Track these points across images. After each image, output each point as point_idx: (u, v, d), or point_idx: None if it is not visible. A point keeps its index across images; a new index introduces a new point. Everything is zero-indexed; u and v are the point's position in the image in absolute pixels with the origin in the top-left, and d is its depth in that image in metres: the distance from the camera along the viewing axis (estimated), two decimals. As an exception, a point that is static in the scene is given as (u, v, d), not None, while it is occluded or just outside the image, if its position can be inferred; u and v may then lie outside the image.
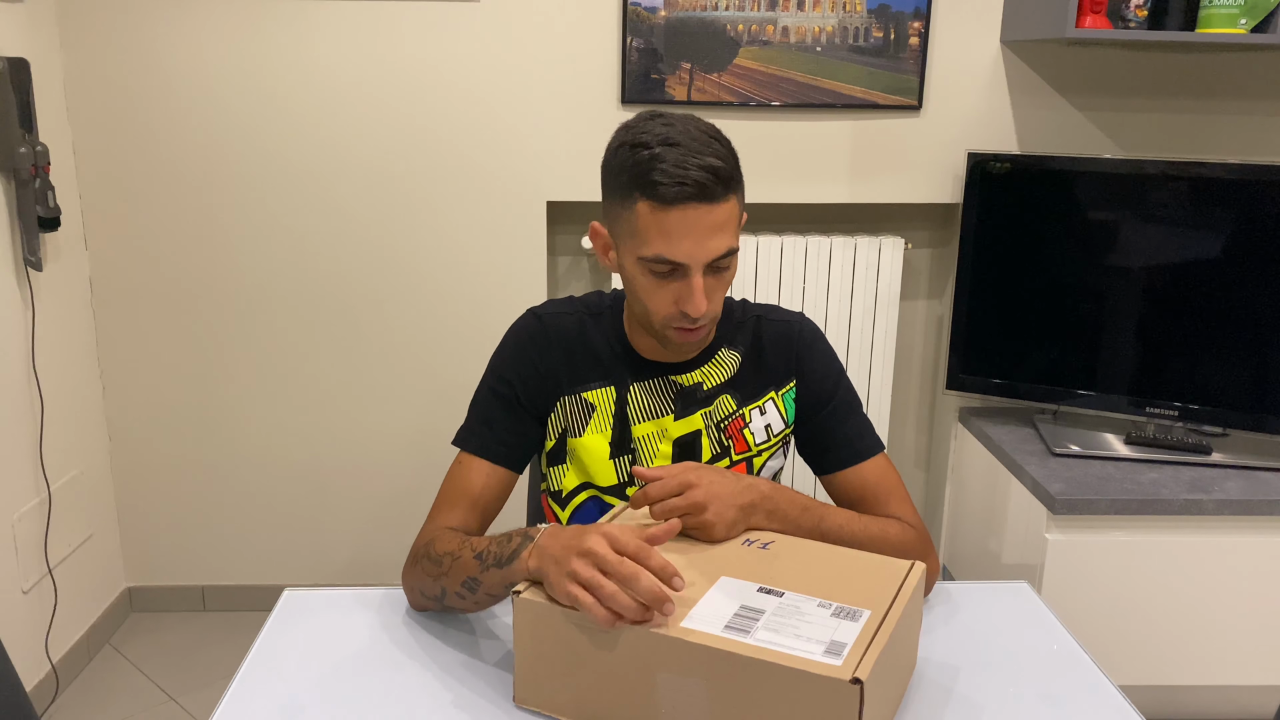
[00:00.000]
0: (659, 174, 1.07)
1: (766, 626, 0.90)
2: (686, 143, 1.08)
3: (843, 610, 0.93)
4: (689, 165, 1.06)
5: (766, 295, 2.38)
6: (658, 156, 1.07)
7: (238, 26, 2.23)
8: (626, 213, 1.12)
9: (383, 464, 2.52)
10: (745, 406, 1.29)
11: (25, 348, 2.11)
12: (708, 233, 1.09)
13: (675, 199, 1.07)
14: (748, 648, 0.86)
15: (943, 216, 2.52)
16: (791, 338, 1.32)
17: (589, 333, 1.28)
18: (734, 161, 1.11)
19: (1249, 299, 2.10)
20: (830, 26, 2.28)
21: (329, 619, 1.17)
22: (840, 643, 0.87)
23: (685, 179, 1.06)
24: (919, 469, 2.70)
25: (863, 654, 0.85)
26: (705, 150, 1.08)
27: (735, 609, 0.92)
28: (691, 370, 1.27)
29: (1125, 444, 2.21)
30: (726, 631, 0.89)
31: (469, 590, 1.08)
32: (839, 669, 0.83)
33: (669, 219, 1.08)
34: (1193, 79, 2.37)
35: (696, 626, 0.89)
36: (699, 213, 1.08)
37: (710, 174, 1.07)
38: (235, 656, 2.35)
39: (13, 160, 1.99)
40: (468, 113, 2.30)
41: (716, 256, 1.11)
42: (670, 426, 1.27)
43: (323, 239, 2.36)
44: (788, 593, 0.96)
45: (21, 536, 2.09)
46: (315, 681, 1.05)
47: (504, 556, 1.03)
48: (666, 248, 1.09)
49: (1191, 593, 2.06)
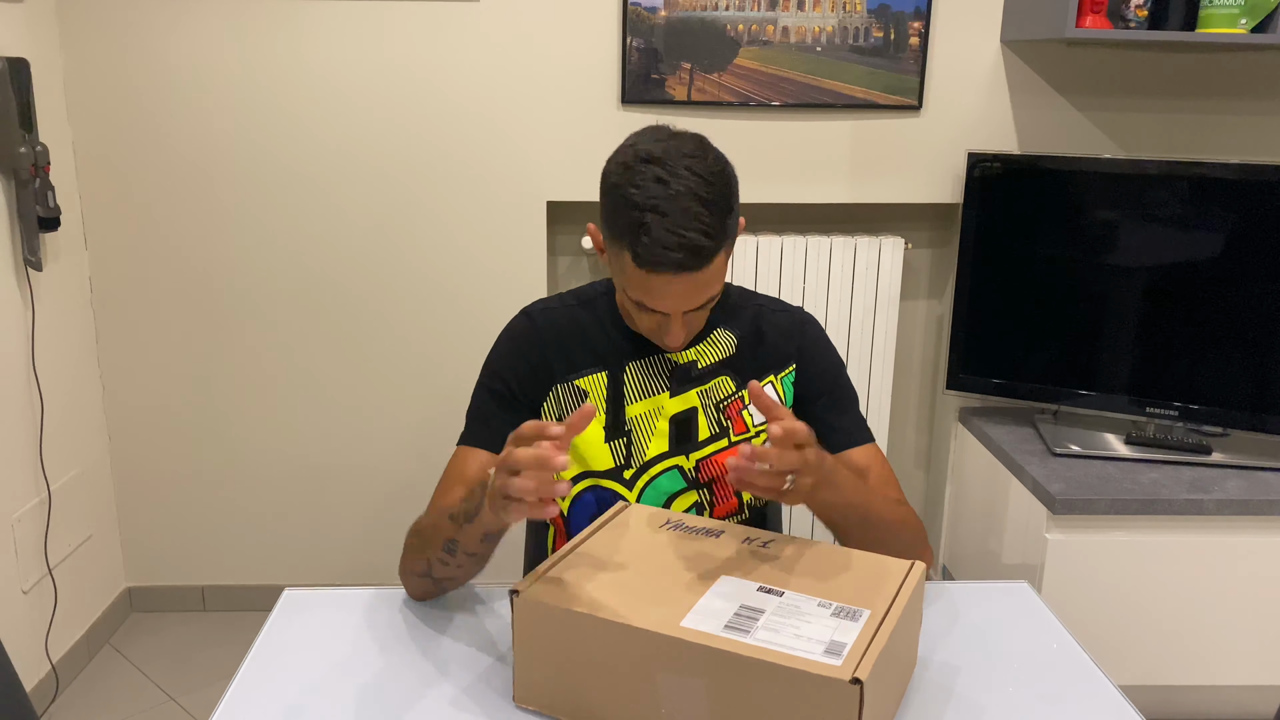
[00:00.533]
0: (645, 243, 1.08)
1: (766, 626, 0.90)
2: (675, 214, 1.08)
3: (843, 610, 0.93)
4: (671, 244, 1.07)
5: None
6: (647, 226, 1.08)
7: (238, 27, 2.23)
8: (616, 248, 1.14)
9: (383, 464, 2.52)
10: (744, 389, 1.31)
11: (25, 348, 2.11)
12: (690, 291, 1.13)
13: (659, 270, 1.09)
14: (748, 647, 0.86)
15: (943, 216, 2.52)
16: (794, 325, 1.34)
17: (581, 321, 1.31)
18: (722, 223, 1.10)
19: (1249, 299, 2.10)
20: (830, 26, 2.28)
21: (329, 619, 1.17)
22: (840, 643, 0.87)
23: (668, 254, 1.08)
24: (919, 469, 2.70)
25: (862, 654, 0.85)
26: (691, 225, 1.08)
27: (735, 609, 0.93)
28: (687, 348, 1.30)
29: (1125, 444, 2.21)
30: (726, 631, 0.89)
31: (449, 554, 1.11)
32: (839, 669, 0.83)
33: (651, 282, 1.11)
34: (1193, 79, 2.37)
35: (696, 626, 0.89)
36: (681, 280, 1.11)
37: (693, 251, 1.08)
38: (235, 656, 2.35)
39: (13, 160, 1.99)
40: (468, 113, 2.30)
41: (697, 306, 1.16)
42: (666, 404, 1.29)
43: (322, 239, 2.36)
44: (788, 592, 0.96)
45: (21, 536, 2.09)
46: (315, 681, 1.05)
47: (471, 511, 1.05)
48: (648, 299, 1.14)
49: (1191, 593, 2.06)
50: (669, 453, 1.29)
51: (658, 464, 1.29)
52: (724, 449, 1.30)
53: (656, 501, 1.28)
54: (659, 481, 1.29)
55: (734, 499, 1.32)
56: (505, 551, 2.85)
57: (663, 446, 1.29)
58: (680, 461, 1.29)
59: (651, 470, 1.29)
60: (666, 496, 1.29)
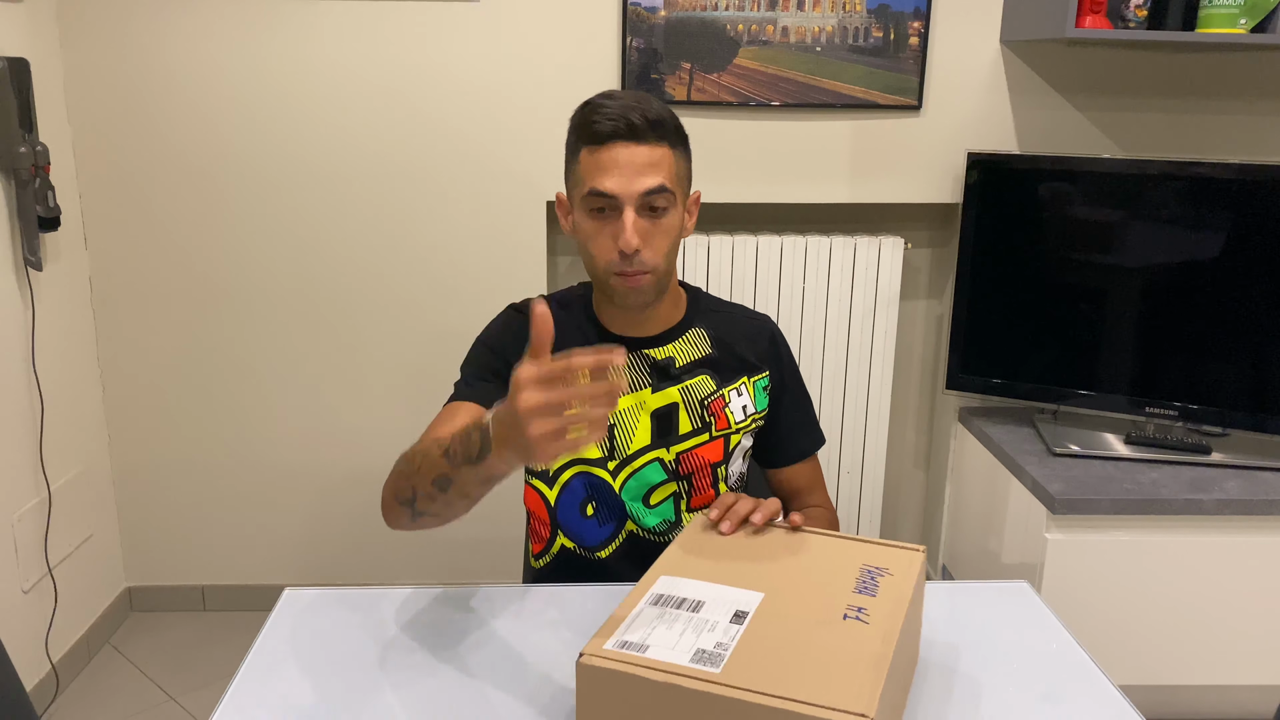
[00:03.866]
0: (596, 118, 1.20)
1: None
2: (625, 97, 1.21)
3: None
4: (621, 110, 1.19)
5: (767, 295, 2.39)
6: (596, 106, 1.21)
7: (237, 26, 2.23)
8: (574, 164, 1.24)
9: (383, 464, 2.50)
10: (725, 387, 1.36)
11: (25, 347, 2.11)
12: (637, 170, 1.20)
13: (607, 137, 1.19)
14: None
15: (942, 216, 2.52)
16: (766, 333, 1.42)
17: (561, 323, 1.32)
18: (671, 119, 1.23)
19: (1249, 299, 2.10)
20: (830, 26, 2.28)
21: (329, 619, 1.17)
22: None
23: (617, 119, 1.19)
24: (919, 469, 2.70)
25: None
26: (641, 103, 1.21)
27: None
28: (663, 345, 1.35)
29: (1125, 444, 2.21)
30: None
31: (439, 489, 1.05)
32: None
33: (601, 156, 1.20)
34: (1193, 79, 2.37)
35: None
36: (629, 151, 1.20)
37: (641, 116, 1.19)
38: (235, 656, 2.35)
39: (13, 160, 1.99)
40: (468, 112, 2.30)
41: (645, 190, 1.20)
42: (648, 399, 1.33)
43: (322, 239, 2.36)
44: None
45: (21, 536, 2.09)
46: (315, 681, 1.05)
47: (472, 454, 0.99)
48: (599, 181, 1.20)
49: (1191, 593, 2.06)
50: (651, 445, 1.33)
51: (640, 456, 1.33)
52: (705, 442, 1.35)
53: (638, 492, 1.34)
54: (642, 473, 1.33)
55: (711, 490, 1.37)
56: (506, 550, 2.85)
57: (645, 440, 1.33)
58: (661, 454, 1.34)
59: (635, 462, 1.33)
60: (648, 487, 1.34)
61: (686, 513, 1.37)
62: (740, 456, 1.39)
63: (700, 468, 1.35)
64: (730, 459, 1.37)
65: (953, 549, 2.54)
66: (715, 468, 1.36)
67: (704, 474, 1.36)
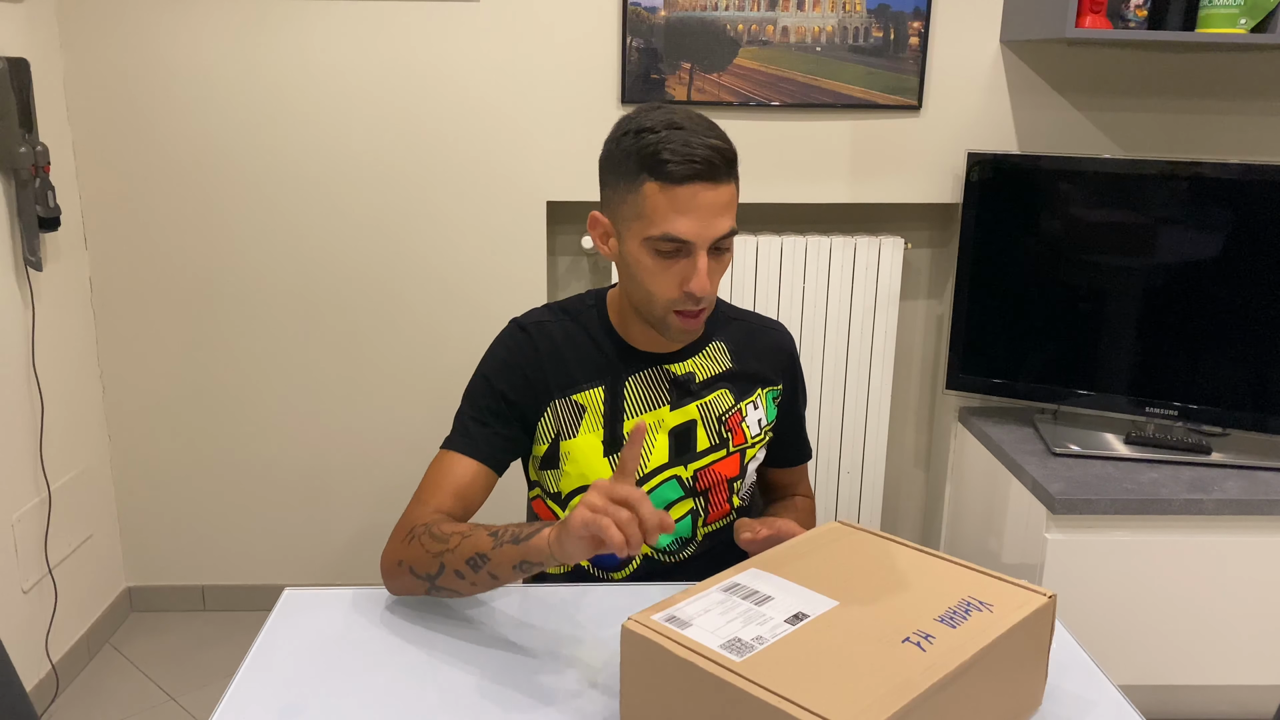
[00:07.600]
0: (668, 154, 1.10)
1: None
2: (690, 126, 1.12)
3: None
4: (695, 146, 1.10)
5: (767, 295, 2.38)
6: (665, 139, 1.11)
7: (238, 27, 2.23)
8: (633, 195, 1.15)
9: (382, 464, 2.52)
10: (741, 401, 1.33)
11: (25, 348, 2.11)
12: (713, 211, 1.13)
13: (684, 178, 1.11)
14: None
15: (942, 216, 2.52)
16: (783, 345, 1.40)
17: (573, 334, 1.30)
18: (733, 147, 1.16)
19: (1249, 299, 2.10)
20: (830, 26, 2.28)
21: (329, 619, 1.17)
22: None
23: (693, 158, 1.10)
24: (919, 469, 2.70)
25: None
26: (709, 133, 1.13)
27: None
28: (684, 360, 1.31)
29: (1125, 444, 2.21)
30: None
31: (472, 568, 1.08)
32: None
33: (677, 197, 1.11)
34: (1193, 79, 2.37)
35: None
36: (705, 191, 1.12)
37: (716, 154, 1.11)
38: (235, 656, 2.35)
39: (13, 160, 1.99)
40: (468, 113, 2.30)
41: (720, 235, 1.14)
42: (666, 417, 1.29)
43: (322, 239, 2.36)
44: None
45: (21, 536, 2.09)
46: (315, 681, 1.05)
47: (522, 535, 1.04)
48: (674, 225, 1.13)
49: (1191, 593, 2.06)
50: (668, 464, 1.29)
51: (658, 475, 1.29)
52: (722, 458, 1.32)
53: None
54: (659, 491, 1.29)
55: (726, 505, 1.35)
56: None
57: (662, 458, 1.29)
58: (679, 471, 1.30)
59: (652, 481, 1.29)
60: (664, 505, 1.30)
61: (702, 527, 1.33)
62: (753, 470, 1.37)
63: (717, 483, 1.32)
64: (745, 474, 1.35)
65: (953, 549, 2.54)
66: (731, 482, 1.33)
67: (720, 490, 1.33)
